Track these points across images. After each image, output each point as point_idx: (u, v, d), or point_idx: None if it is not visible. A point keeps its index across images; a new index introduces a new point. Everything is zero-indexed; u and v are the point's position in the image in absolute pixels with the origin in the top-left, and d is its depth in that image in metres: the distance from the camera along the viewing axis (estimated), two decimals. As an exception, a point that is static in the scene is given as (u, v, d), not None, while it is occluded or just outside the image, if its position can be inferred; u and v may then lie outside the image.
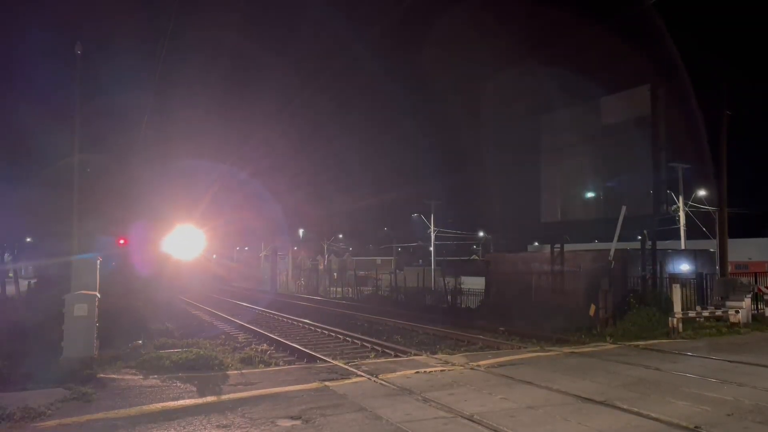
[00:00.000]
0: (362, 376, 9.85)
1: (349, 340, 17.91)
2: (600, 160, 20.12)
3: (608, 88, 20.13)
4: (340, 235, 79.80)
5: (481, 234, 71.88)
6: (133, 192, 24.46)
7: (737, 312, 16.23)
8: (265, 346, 16.52)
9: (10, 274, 37.02)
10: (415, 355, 13.20)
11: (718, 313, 16.36)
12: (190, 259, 32.70)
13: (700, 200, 37.62)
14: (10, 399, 7.83)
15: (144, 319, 16.48)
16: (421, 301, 31.43)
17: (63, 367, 9.60)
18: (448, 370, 10.40)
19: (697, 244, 33.65)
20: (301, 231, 62.17)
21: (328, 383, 9.25)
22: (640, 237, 19.58)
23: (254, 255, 74.75)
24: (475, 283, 30.43)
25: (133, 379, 9.57)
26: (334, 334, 19.18)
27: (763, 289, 17.63)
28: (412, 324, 21.36)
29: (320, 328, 20.75)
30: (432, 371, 10.29)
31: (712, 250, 23.76)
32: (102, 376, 9.55)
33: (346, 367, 10.82)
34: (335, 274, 53.60)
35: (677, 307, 15.17)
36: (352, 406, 7.83)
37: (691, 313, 15.89)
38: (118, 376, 9.73)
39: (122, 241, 19.19)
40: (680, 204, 36.49)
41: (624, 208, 18.16)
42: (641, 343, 13.53)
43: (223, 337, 18.27)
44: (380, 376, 9.74)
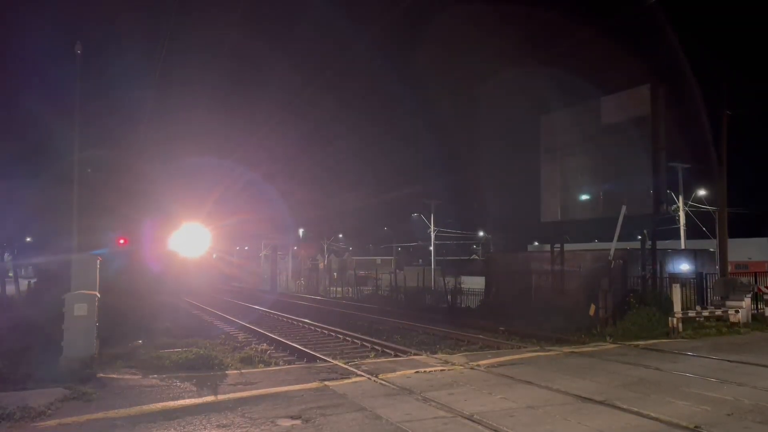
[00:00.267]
0: (362, 376, 9.85)
1: (349, 340, 17.92)
2: (600, 160, 20.12)
3: (608, 88, 20.13)
4: (340, 235, 79.85)
5: (481, 234, 71.93)
6: (140, 189, 24.44)
7: (737, 312, 16.25)
8: (265, 346, 16.55)
9: (10, 274, 37.06)
10: (415, 354, 13.20)
11: (718, 312, 16.38)
12: (195, 257, 32.74)
13: (700, 200, 37.65)
14: (10, 398, 7.83)
15: (144, 319, 16.50)
16: (421, 300, 31.43)
17: (63, 367, 9.59)
18: (448, 370, 10.41)
19: (697, 244, 33.68)
20: (301, 231, 62.20)
21: (328, 383, 9.25)
22: (640, 237, 19.61)
23: (254, 254, 74.71)
24: (475, 283, 30.45)
25: (133, 379, 9.57)
26: (334, 334, 19.18)
27: (763, 289, 17.62)
28: (412, 323, 21.38)
29: (320, 327, 20.76)
30: (432, 371, 10.29)
31: (712, 250, 23.79)
32: (102, 375, 9.55)
33: (346, 366, 10.82)
34: (335, 274, 53.64)
35: (677, 307, 15.18)
36: (352, 405, 7.83)
37: (691, 313, 15.90)
38: (118, 376, 9.74)
39: (122, 241, 19.17)
40: (680, 204, 36.50)
41: (624, 208, 18.17)
42: (641, 343, 13.54)
43: (223, 336, 18.26)
44: (380, 376, 9.74)
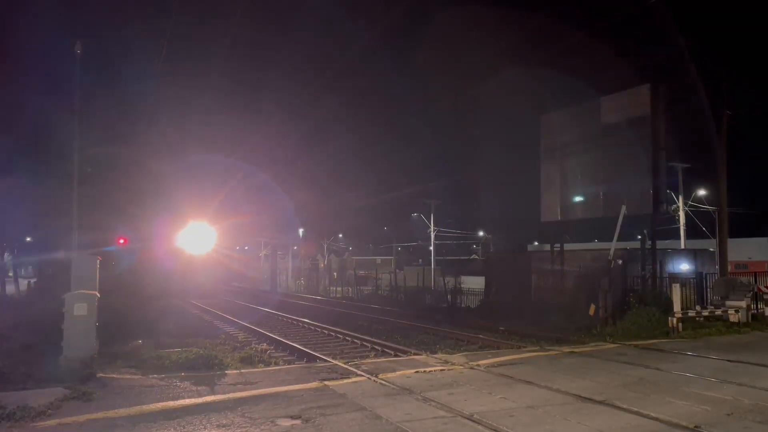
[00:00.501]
0: (362, 376, 9.85)
1: (348, 340, 17.91)
2: (600, 160, 20.13)
3: (608, 88, 20.13)
4: (340, 235, 79.86)
5: (481, 234, 71.95)
6: (149, 187, 24.46)
7: (737, 311, 16.24)
8: (264, 346, 16.55)
9: (10, 274, 37.09)
10: (415, 354, 13.19)
11: (718, 312, 16.37)
12: (202, 254, 32.68)
13: (700, 200, 37.66)
14: (10, 398, 7.83)
15: (146, 319, 16.49)
16: (421, 300, 31.42)
17: (63, 367, 9.59)
18: (448, 370, 10.41)
19: (697, 244, 33.70)
20: (301, 230, 62.21)
21: (327, 383, 9.25)
22: (639, 236, 19.60)
23: (254, 254, 74.71)
24: (475, 283, 30.45)
25: (132, 379, 9.57)
26: (333, 334, 19.18)
27: (763, 289, 17.61)
28: (412, 323, 21.38)
29: (320, 327, 20.75)
30: (432, 371, 10.29)
31: (711, 250, 23.78)
32: (102, 375, 9.54)
33: (346, 366, 10.82)
34: (335, 274, 53.60)
35: (677, 307, 15.18)
36: (352, 405, 7.83)
37: (691, 313, 15.90)
38: (118, 376, 9.74)
39: (122, 241, 19.17)
40: (680, 203, 36.50)
41: (624, 208, 18.18)
42: (641, 343, 13.54)
43: (223, 336, 18.26)
44: (380, 376, 9.74)
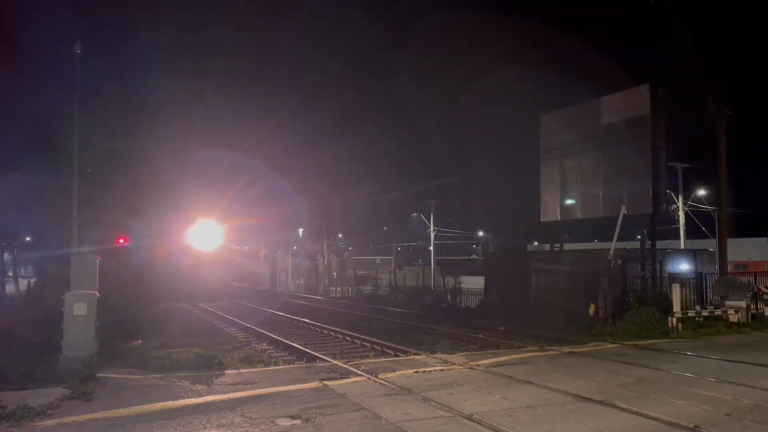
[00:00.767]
0: (362, 376, 9.85)
1: (348, 340, 17.91)
2: (599, 160, 20.15)
3: (608, 88, 20.17)
4: (340, 235, 79.91)
5: (481, 234, 71.97)
6: (158, 184, 24.47)
7: (737, 311, 16.24)
8: (264, 346, 16.56)
9: (10, 274, 37.08)
10: (415, 354, 13.19)
11: (718, 312, 16.37)
12: (209, 251, 32.67)
13: (700, 200, 37.66)
14: (10, 398, 7.83)
15: (144, 319, 16.50)
16: (421, 300, 31.43)
17: (63, 367, 9.58)
18: (448, 370, 10.41)
19: (697, 244, 33.67)
20: (301, 230, 62.25)
21: (327, 382, 9.25)
22: (639, 236, 19.61)
23: (254, 254, 74.69)
24: (474, 283, 30.44)
25: (132, 379, 9.57)
26: (333, 334, 19.18)
27: (763, 289, 17.61)
28: (412, 323, 21.38)
29: (320, 327, 20.75)
30: (431, 371, 10.29)
31: (711, 250, 23.77)
32: (102, 375, 9.54)
33: (346, 366, 10.82)
34: (335, 274, 53.60)
35: (677, 307, 15.18)
36: (352, 405, 7.83)
37: (691, 313, 15.90)
38: (118, 376, 9.73)
39: (122, 241, 19.17)
40: (680, 203, 36.49)
41: (623, 208, 18.18)
42: (641, 343, 13.55)
43: (223, 336, 18.28)
44: (380, 376, 9.74)
